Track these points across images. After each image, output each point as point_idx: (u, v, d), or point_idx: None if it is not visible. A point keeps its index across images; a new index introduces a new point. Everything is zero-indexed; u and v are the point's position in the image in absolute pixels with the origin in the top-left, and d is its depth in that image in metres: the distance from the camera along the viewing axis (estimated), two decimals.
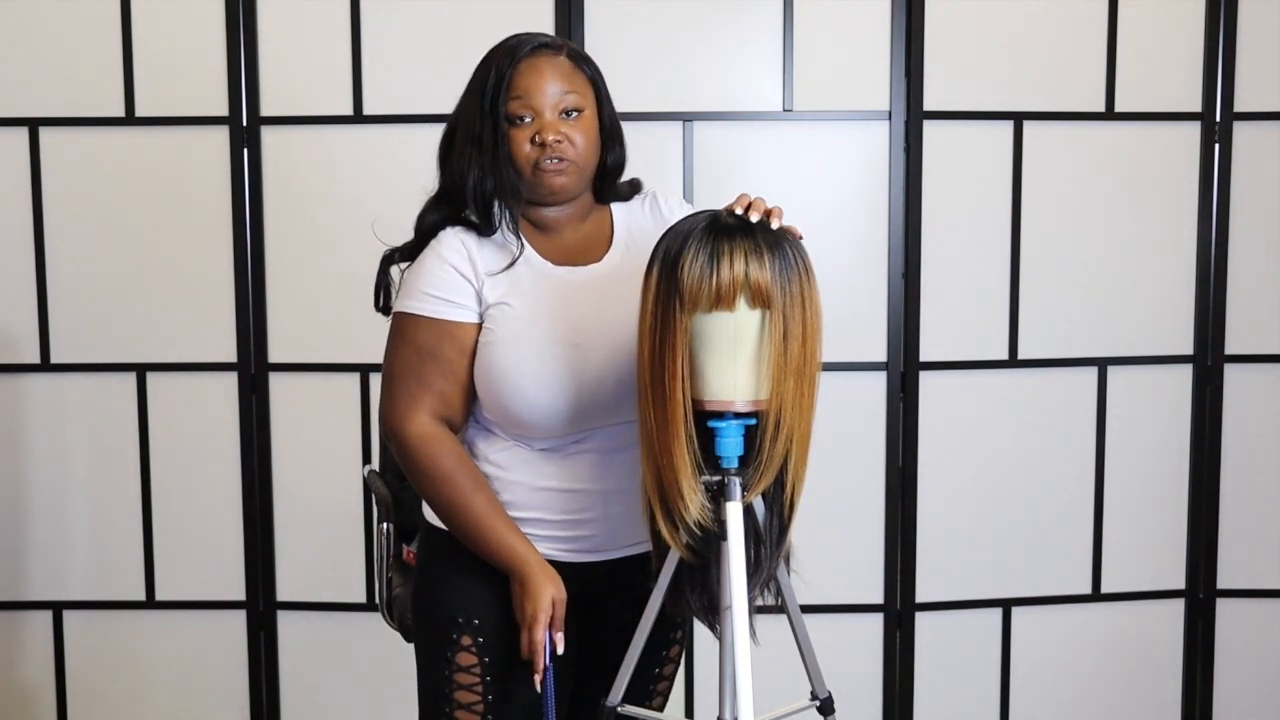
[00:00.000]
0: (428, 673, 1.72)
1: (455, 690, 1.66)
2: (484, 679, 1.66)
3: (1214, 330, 2.90)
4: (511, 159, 1.63)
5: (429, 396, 1.64)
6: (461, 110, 1.68)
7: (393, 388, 1.65)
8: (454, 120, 1.69)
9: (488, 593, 1.66)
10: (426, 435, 1.64)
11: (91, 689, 2.88)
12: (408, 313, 1.65)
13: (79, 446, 2.84)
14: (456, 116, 1.69)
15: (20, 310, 2.80)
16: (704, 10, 2.76)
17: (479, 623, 1.66)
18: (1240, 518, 2.94)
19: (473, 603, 1.67)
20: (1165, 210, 2.88)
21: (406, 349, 1.64)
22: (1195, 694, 2.98)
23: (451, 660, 1.66)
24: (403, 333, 1.65)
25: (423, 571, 1.76)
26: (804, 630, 1.74)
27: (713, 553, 1.59)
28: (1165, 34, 2.83)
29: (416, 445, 1.63)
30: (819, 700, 1.79)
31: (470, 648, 1.66)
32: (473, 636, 1.66)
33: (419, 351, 1.63)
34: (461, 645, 1.66)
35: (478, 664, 1.66)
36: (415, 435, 1.64)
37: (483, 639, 1.66)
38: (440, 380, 1.64)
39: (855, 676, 2.88)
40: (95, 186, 2.77)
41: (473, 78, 1.69)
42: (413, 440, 1.64)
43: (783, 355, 1.48)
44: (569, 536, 1.70)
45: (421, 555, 1.78)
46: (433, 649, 1.70)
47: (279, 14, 2.74)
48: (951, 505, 2.88)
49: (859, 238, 2.81)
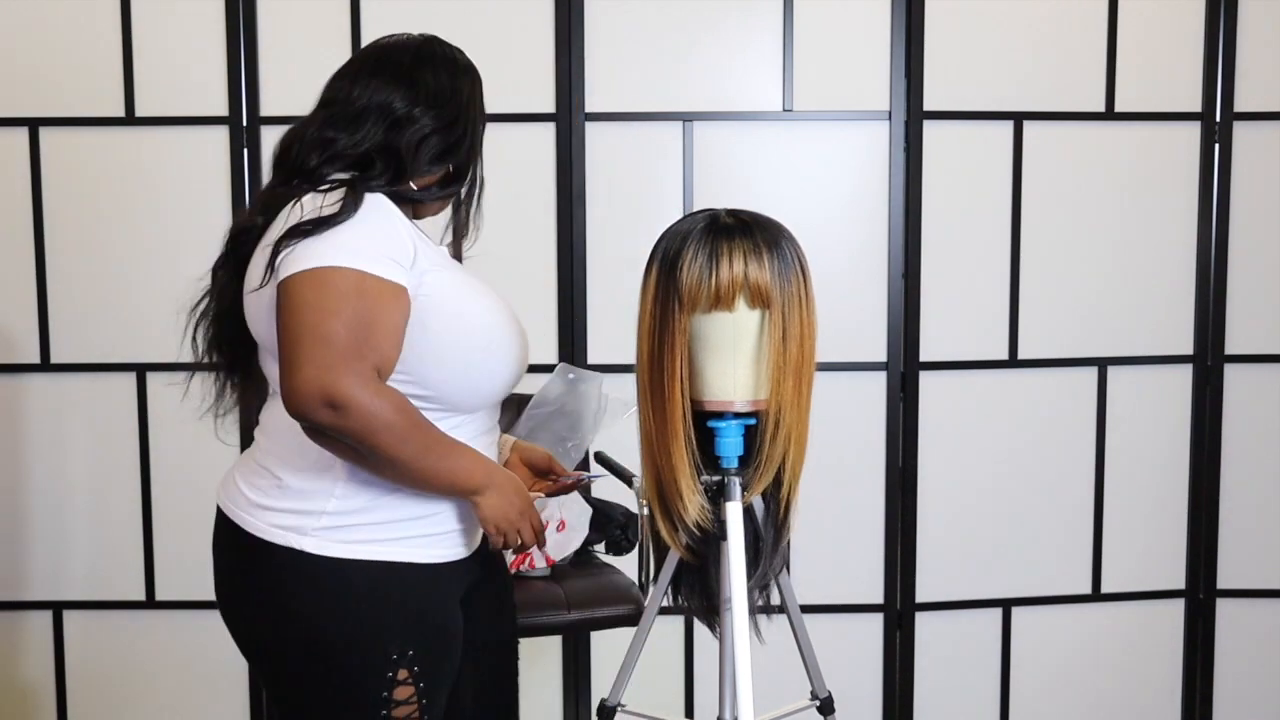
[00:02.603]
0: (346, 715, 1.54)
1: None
2: (421, 704, 1.54)
3: (1214, 330, 2.90)
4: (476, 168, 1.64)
5: (370, 365, 1.42)
6: (476, 104, 1.64)
7: (326, 350, 1.38)
8: (464, 101, 1.62)
9: (418, 619, 1.55)
10: (381, 389, 1.42)
11: (91, 689, 2.88)
12: (357, 269, 1.42)
13: (79, 446, 2.84)
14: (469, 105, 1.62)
15: (20, 310, 2.79)
16: (704, 10, 2.76)
17: (414, 654, 1.53)
18: (1240, 518, 2.94)
19: (410, 634, 1.53)
20: (1165, 210, 2.88)
21: (348, 310, 1.40)
22: (1195, 694, 2.98)
23: (389, 699, 1.52)
24: (344, 292, 1.40)
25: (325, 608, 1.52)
26: (804, 630, 1.74)
27: (712, 553, 1.59)
28: (1165, 34, 2.83)
29: (372, 402, 1.39)
30: (819, 700, 1.79)
31: (407, 680, 1.53)
32: (409, 668, 1.52)
33: (367, 314, 1.41)
34: (398, 680, 1.52)
35: (414, 694, 1.53)
36: (371, 391, 1.40)
37: (418, 668, 1.53)
38: (385, 347, 1.44)
39: (855, 676, 2.88)
40: (95, 186, 2.77)
41: (477, 85, 1.66)
42: (367, 398, 1.39)
43: (782, 355, 1.48)
44: (464, 529, 1.60)
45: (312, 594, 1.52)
46: (354, 693, 1.53)
47: (279, 14, 2.74)
48: (951, 505, 2.88)
49: (859, 238, 2.81)
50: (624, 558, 2.44)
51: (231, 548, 1.57)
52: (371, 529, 1.51)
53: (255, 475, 1.55)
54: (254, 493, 1.54)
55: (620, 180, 2.78)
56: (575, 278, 2.77)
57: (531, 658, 2.85)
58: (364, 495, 1.51)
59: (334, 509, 1.50)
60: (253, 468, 1.56)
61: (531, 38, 2.71)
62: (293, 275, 1.42)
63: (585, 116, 2.75)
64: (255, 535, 1.52)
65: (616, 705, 1.81)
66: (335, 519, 1.50)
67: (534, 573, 2.30)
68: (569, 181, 2.75)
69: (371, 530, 1.51)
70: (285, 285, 1.42)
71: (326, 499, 1.51)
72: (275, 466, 1.53)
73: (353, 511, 1.51)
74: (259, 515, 1.52)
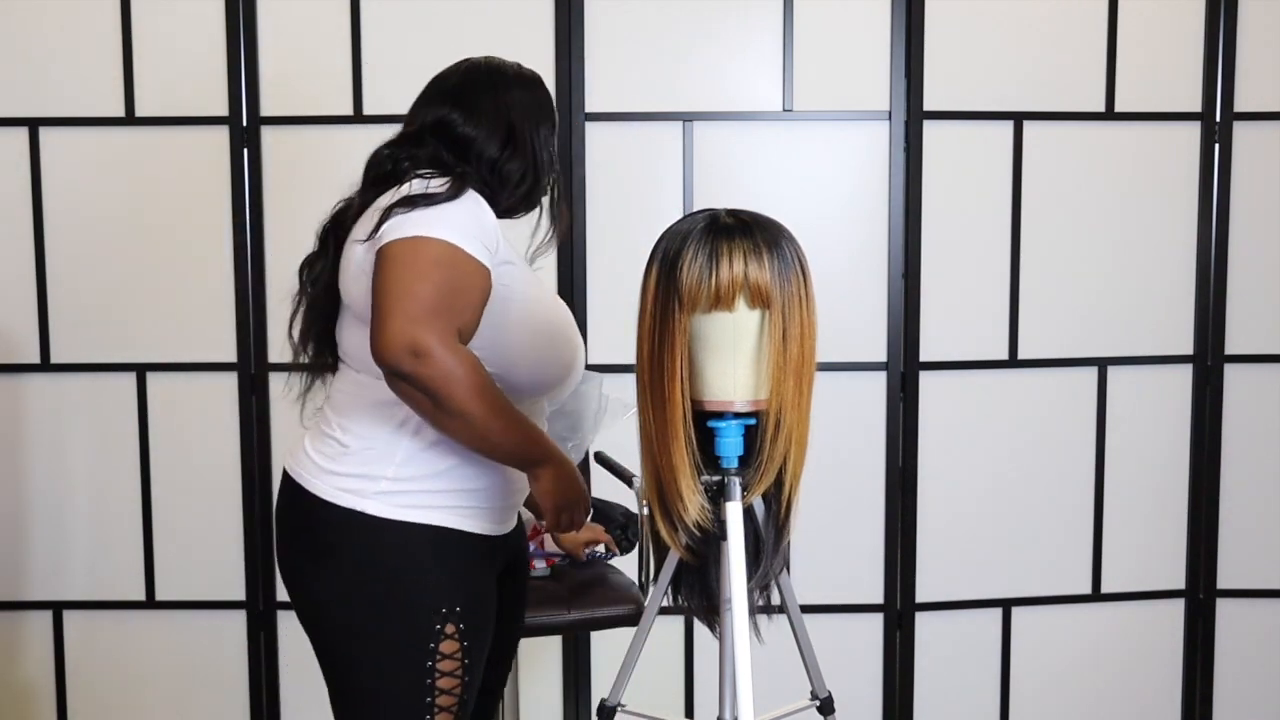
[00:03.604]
0: (395, 671, 1.65)
1: (439, 679, 1.63)
2: (464, 664, 1.65)
3: (1214, 330, 2.90)
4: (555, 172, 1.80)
5: (453, 326, 1.53)
6: (544, 113, 1.75)
7: (416, 305, 1.50)
8: (536, 115, 1.74)
9: (464, 581, 1.66)
10: (459, 348, 1.53)
11: (91, 689, 2.88)
12: (451, 243, 1.54)
13: (79, 446, 2.84)
14: (540, 116, 1.75)
15: (20, 310, 2.80)
16: (704, 10, 2.76)
17: (461, 611, 1.63)
18: (1240, 518, 2.94)
19: (457, 592, 1.64)
20: (1165, 210, 2.88)
21: (439, 275, 1.53)
22: (1195, 694, 2.98)
23: (435, 650, 1.62)
24: (438, 260, 1.53)
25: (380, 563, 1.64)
26: (804, 630, 1.74)
27: (712, 553, 1.59)
28: (1165, 34, 2.83)
29: (451, 355, 1.51)
30: (819, 700, 1.79)
31: (454, 635, 1.63)
32: (455, 624, 1.63)
33: (455, 283, 1.54)
34: (445, 634, 1.62)
35: (459, 650, 1.63)
36: (450, 346, 1.51)
37: (464, 625, 1.63)
38: (467, 315, 1.56)
39: (855, 676, 2.89)
40: (95, 186, 2.77)
41: (545, 97, 1.77)
42: (447, 351, 1.50)
43: (782, 355, 1.48)
44: (512, 505, 1.74)
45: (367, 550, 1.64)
46: (403, 645, 1.63)
47: (279, 14, 2.74)
48: (951, 505, 2.88)
49: (859, 238, 2.81)
50: (624, 558, 2.44)
51: (294, 507, 1.68)
52: (428, 495, 1.63)
53: (322, 442, 1.67)
54: (320, 458, 1.65)
55: (620, 180, 2.78)
56: (575, 278, 2.77)
57: (532, 657, 2.85)
58: (422, 464, 1.63)
59: (394, 474, 1.62)
60: (320, 435, 1.68)
61: (531, 38, 2.71)
62: (395, 240, 1.54)
63: (585, 116, 2.75)
64: (318, 496, 1.64)
65: (616, 705, 1.81)
66: (394, 484, 1.62)
67: (534, 573, 2.30)
68: (569, 181, 2.75)
69: (428, 497, 1.63)
70: (386, 249, 1.54)
71: (387, 465, 1.62)
72: (340, 434, 1.65)
73: (411, 479, 1.62)
74: (324, 479, 1.64)
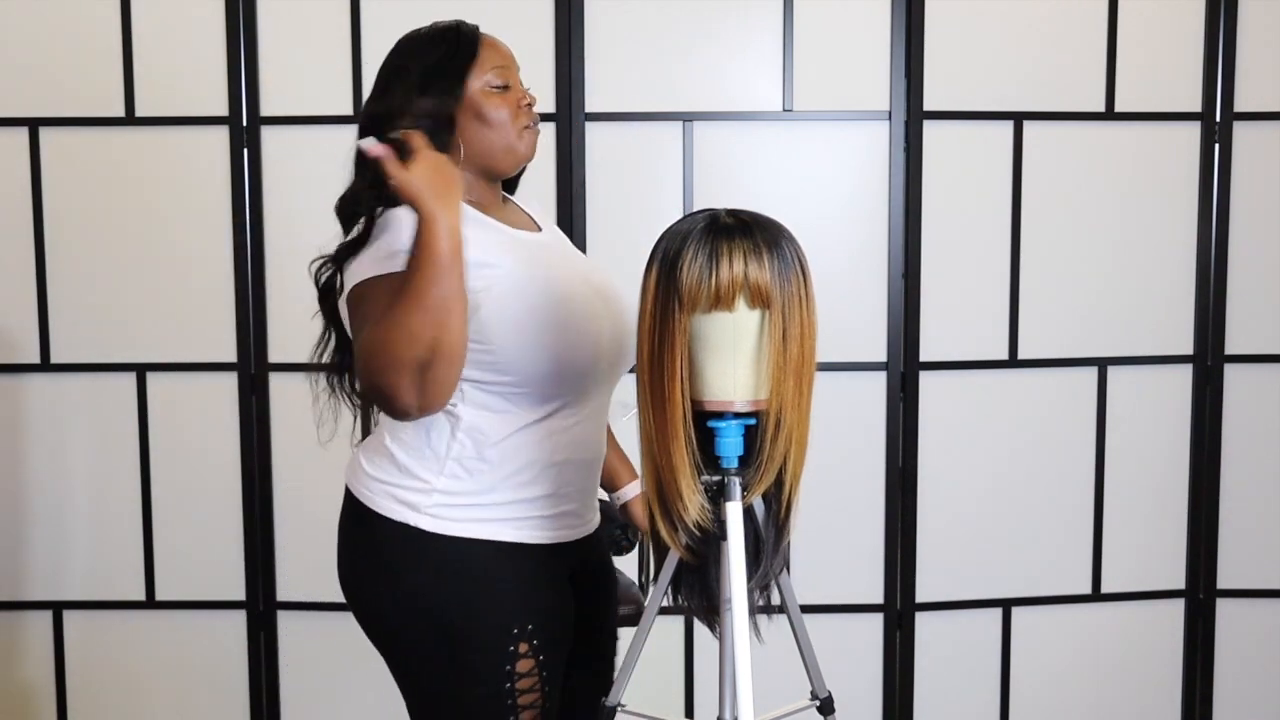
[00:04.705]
0: (475, 703, 1.63)
1: (520, 696, 1.62)
2: (541, 676, 1.63)
3: (1214, 330, 2.90)
4: (497, 125, 1.66)
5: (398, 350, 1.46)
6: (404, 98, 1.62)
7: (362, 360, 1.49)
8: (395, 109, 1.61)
9: (531, 596, 1.65)
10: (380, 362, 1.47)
11: (91, 689, 2.88)
12: (368, 279, 1.53)
13: (79, 446, 2.84)
14: (400, 106, 1.62)
15: (20, 310, 2.80)
16: (704, 10, 2.76)
17: (532, 628, 1.63)
18: (1240, 518, 2.94)
19: (526, 609, 1.63)
20: (1165, 210, 2.88)
21: (371, 312, 1.51)
22: (1195, 694, 2.98)
23: (513, 672, 1.61)
24: (362, 297, 1.54)
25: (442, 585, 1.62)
26: (804, 630, 1.74)
27: (712, 553, 1.59)
28: (1165, 34, 2.83)
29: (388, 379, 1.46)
30: (819, 700, 1.79)
31: (528, 654, 1.62)
32: (529, 642, 1.62)
33: (387, 302, 1.48)
34: (520, 654, 1.61)
35: (535, 666, 1.63)
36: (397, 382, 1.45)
37: (536, 641, 1.63)
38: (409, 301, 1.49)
39: (855, 676, 2.89)
40: (95, 186, 2.77)
41: (405, 70, 1.63)
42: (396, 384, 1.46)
43: (782, 355, 1.48)
44: (574, 511, 1.71)
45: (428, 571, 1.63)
46: (480, 672, 1.62)
47: (279, 14, 2.74)
48: (951, 505, 2.88)
49: (859, 238, 2.81)
50: (624, 558, 2.43)
51: (353, 519, 1.68)
52: (481, 509, 1.61)
53: (374, 453, 1.67)
54: (372, 469, 1.66)
55: (620, 180, 2.78)
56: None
57: None
58: (473, 477, 1.61)
59: (444, 487, 1.61)
60: (374, 445, 1.69)
61: (531, 38, 2.71)
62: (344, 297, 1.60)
63: (585, 116, 2.75)
64: (374, 510, 1.64)
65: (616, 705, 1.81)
66: (446, 498, 1.61)
67: None
68: (569, 181, 2.75)
69: (482, 510, 1.61)
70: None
71: (436, 476, 1.61)
72: (390, 444, 1.65)
73: (462, 492, 1.61)
74: (377, 490, 1.64)
